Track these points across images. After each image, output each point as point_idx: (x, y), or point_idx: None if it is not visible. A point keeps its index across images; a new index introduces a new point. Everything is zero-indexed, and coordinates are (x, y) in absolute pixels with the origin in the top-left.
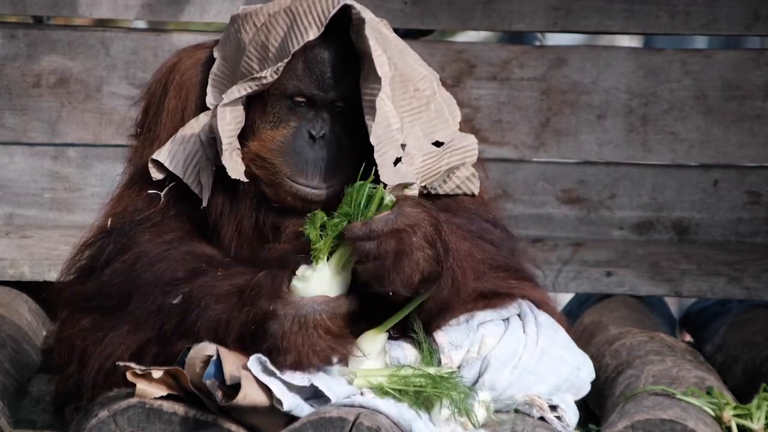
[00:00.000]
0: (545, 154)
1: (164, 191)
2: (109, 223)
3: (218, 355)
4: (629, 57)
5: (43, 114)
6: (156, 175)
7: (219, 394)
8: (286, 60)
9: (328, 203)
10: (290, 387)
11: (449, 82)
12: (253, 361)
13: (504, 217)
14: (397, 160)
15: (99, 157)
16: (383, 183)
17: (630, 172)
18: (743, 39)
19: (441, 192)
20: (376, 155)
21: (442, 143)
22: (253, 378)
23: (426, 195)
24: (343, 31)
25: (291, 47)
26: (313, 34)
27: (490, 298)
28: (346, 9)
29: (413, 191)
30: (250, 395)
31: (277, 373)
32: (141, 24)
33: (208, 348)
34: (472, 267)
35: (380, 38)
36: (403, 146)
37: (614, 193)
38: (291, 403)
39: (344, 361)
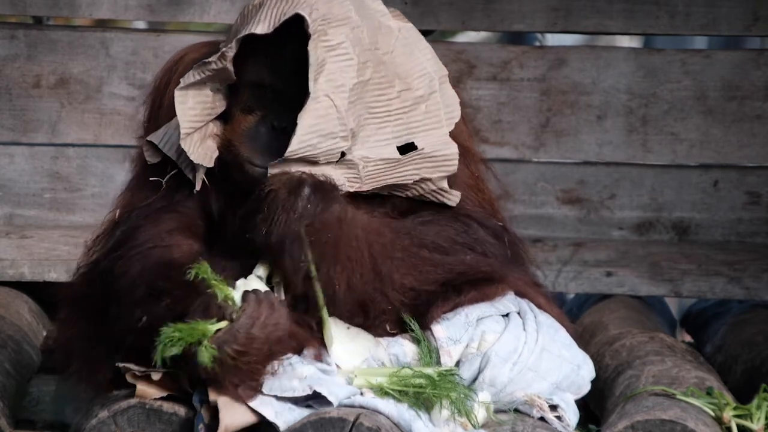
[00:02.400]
0: (545, 154)
1: (166, 178)
2: (117, 214)
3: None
4: (629, 57)
5: (43, 114)
6: (151, 158)
7: (201, 428)
8: (231, 46)
9: None
10: (284, 401)
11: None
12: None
13: (504, 221)
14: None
15: (99, 157)
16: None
17: (630, 173)
18: (743, 39)
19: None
20: (297, 128)
21: (415, 148)
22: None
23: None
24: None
25: (240, 35)
26: (261, 29)
27: (479, 286)
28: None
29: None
30: (232, 423)
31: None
32: (141, 24)
33: None
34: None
35: (364, 42)
36: (343, 154)
37: (614, 194)
38: (287, 418)
39: (316, 353)
